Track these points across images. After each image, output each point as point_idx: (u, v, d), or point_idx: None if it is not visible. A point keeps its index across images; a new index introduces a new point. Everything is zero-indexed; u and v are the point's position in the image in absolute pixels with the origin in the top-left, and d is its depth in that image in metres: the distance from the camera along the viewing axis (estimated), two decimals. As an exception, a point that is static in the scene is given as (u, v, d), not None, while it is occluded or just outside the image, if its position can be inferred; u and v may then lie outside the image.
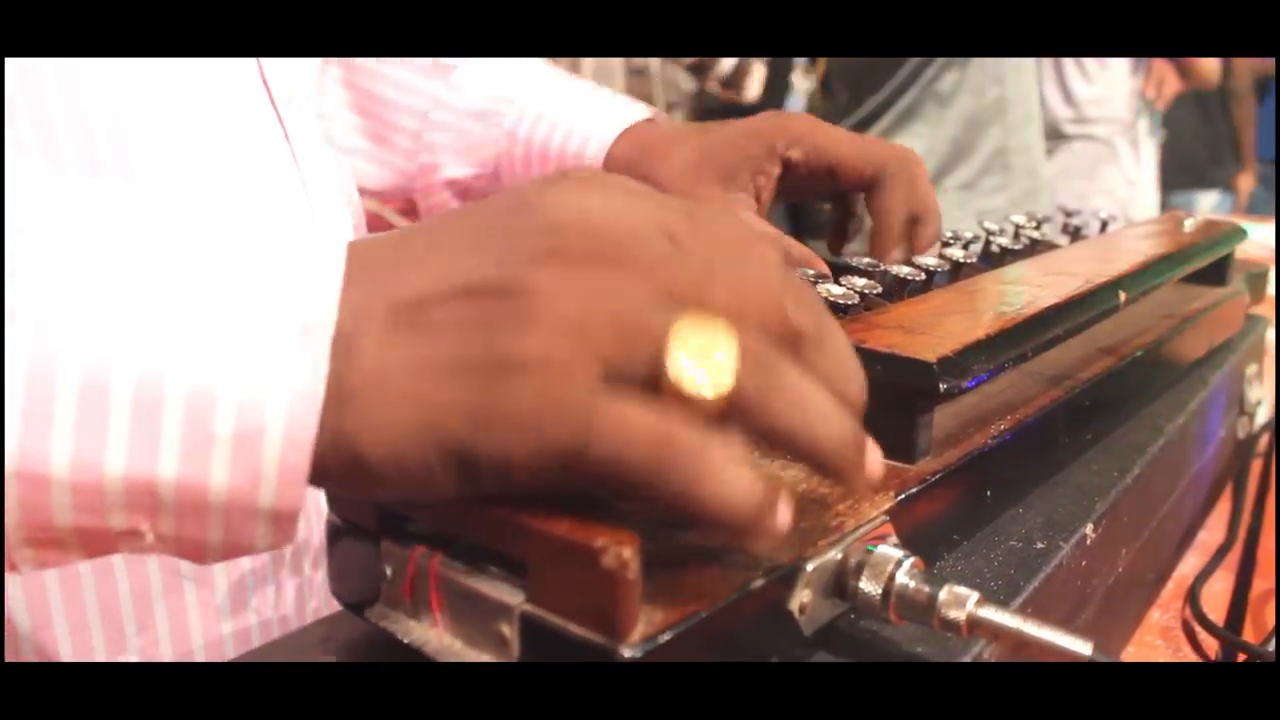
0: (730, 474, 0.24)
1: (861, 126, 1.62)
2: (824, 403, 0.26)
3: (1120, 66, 2.18)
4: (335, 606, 0.32)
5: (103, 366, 0.23)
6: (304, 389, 0.24)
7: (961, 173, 1.66)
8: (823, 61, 2.10)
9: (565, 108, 0.59)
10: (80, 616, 0.40)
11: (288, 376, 0.24)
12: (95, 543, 0.25)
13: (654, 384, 0.24)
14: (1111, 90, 2.18)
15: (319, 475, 0.25)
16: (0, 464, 0.23)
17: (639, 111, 0.59)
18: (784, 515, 0.25)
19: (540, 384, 0.24)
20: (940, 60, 1.62)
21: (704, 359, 0.24)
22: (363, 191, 0.64)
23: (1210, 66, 2.24)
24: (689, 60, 2.36)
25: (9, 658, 0.39)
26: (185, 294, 0.24)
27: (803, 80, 2.35)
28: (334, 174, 0.52)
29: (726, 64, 2.34)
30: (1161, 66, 2.19)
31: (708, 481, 0.24)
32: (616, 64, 2.53)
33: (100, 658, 0.41)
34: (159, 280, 0.24)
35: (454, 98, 0.62)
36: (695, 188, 0.54)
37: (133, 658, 0.42)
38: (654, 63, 2.49)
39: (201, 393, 0.23)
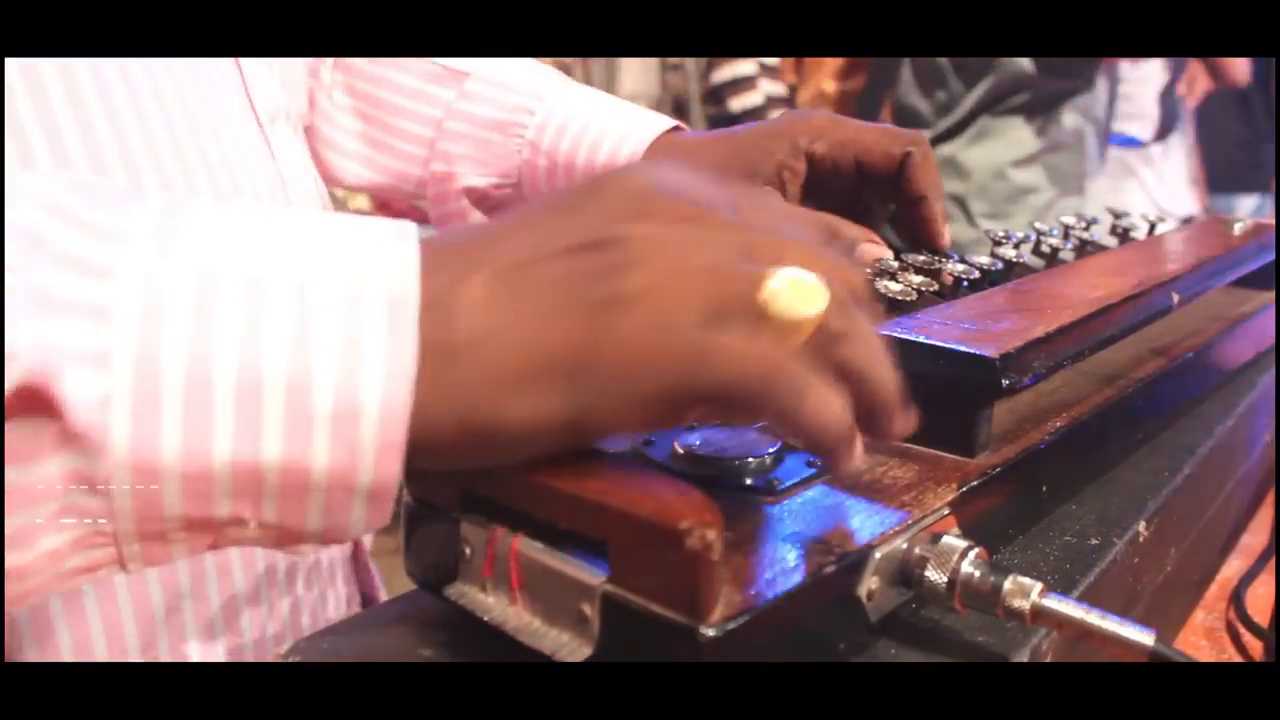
0: (826, 394, 0.27)
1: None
2: (882, 345, 0.29)
3: (1151, 64, 2.15)
4: (320, 623, 0.32)
5: (204, 354, 0.24)
6: (395, 364, 0.25)
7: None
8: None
9: (590, 117, 0.59)
10: (84, 637, 0.40)
11: (378, 353, 0.25)
12: (199, 534, 0.26)
13: (748, 325, 0.26)
14: (1140, 87, 2.15)
15: (421, 448, 0.26)
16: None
17: (665, 121, 0.60)
18: (860, 443, 0.28)
19: (648, 317, 0.26)
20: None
21: (798, 294, 0.26)
22: (361, 190, 0.67)
23: (1239, 67, 2.19)
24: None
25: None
26: (274, 279, 0.25)
27: (772, 85, 2.35)
28: (315, 193, 0.53)
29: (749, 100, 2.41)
30: (1195, 64, 2.16)
31: (809, 399, 0.27)
32: (652, 59, 2.54)
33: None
34: (249, 268, 0.25)
35: (470, 107, 0.62)
36: None
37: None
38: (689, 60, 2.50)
39: (299, 374, 0.25)
